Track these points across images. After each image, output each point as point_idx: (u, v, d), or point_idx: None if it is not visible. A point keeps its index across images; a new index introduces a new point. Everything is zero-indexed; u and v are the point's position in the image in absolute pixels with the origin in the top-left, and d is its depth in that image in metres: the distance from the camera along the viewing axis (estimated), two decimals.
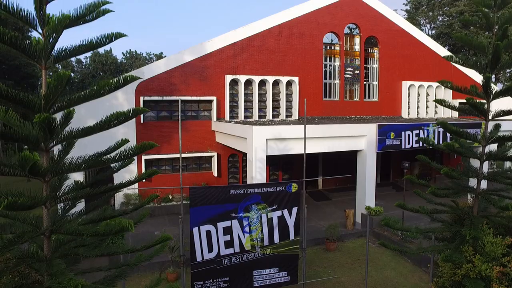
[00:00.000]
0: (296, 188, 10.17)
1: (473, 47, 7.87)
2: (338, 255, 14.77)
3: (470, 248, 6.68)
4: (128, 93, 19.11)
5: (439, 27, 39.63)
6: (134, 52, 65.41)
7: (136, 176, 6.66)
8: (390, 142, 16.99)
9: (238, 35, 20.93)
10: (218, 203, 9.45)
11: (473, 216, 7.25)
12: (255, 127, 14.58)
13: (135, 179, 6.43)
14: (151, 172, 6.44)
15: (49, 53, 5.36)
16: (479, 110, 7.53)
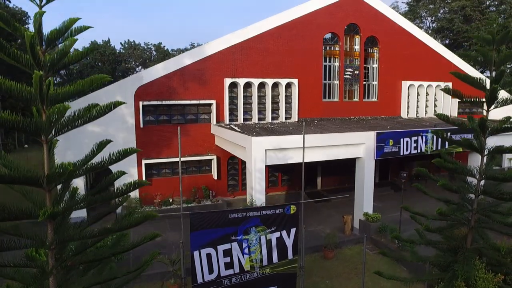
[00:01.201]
0: (295, 210, 10.34)
1: (472, 84, 7.91)
2: (335, 263, 15.06)
3: (462, 283, 6.89)
4: (128, 98, 19.08)
5: (441, 20, 39.25)
6: (132, 42, 64.77)
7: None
8: (388, 149, 17.10)
9: (237, 38, 20.79)
10: (218, 226, 9.62)
11: (466, 249, 7.44)
12: (254, 138, 14.66)
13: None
14: (152, 235, 6.57)
15: (49, 130, 5.47)
16: (475, 149, 7.61)
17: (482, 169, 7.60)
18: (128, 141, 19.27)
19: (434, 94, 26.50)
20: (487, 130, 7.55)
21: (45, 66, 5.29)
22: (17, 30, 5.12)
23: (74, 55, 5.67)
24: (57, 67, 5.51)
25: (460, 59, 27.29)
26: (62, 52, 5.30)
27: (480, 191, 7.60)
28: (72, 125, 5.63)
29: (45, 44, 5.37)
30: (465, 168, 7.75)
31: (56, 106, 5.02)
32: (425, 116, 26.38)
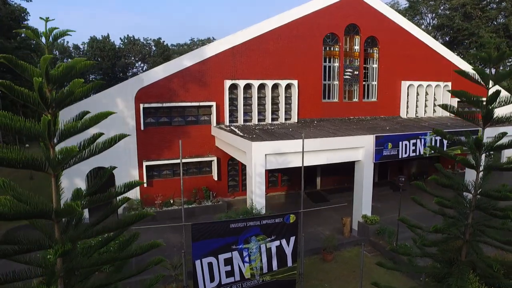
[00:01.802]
0: (294, 219, 10.54)
1: (470, 103, 8.03)
2: (334, 266, 15.30)
3: None
4: (128, 100, 19.22)
5: (441, 17, 39.14)
6: (132, 37, 64.57)
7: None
8: (387, 152, 17.26)
9: (237, 39, 20.84)
10: (219, 236, 9.82)
11: (461, 262, 7.64)
12: (254, 144, 14.81)
13: None
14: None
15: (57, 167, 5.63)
16: (470, 166, 7.77)
17: (477, 185, 7.77)
18: (129, 143, 19.44)
19: (433, 93, 26.60)
20: (482, 147, 7.70)
21: (52, 104, 5.44)
22: (25, 71, 5.26)
23: (80, 91, 5.83)
24: (63, 104, 5.67)
25: (460, 58, 27.32)
26: (69, 91, 5.43)
27: (474, 206, 7.78)
28: (79, 159, 5.84)
29: (52, 83, 5.53)
30: (461, 184, 7.92)
31: (64, 148, 5.16)
32: (424, 115, 26.50)
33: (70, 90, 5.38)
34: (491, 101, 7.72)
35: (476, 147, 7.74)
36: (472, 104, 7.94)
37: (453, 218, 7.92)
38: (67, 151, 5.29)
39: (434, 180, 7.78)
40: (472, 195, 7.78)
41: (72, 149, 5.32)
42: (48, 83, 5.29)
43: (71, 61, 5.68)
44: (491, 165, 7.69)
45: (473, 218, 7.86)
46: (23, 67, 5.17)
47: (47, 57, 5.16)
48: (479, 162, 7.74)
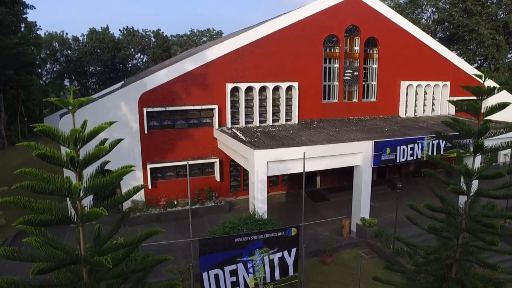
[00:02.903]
0: (295, 232, 11.10)
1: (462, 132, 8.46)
2: (333, 268, 15.94)
3: None
4: (132, 104, 19.59)
5: (441, 11, 39.11)
6: (131, 28, 64.29)
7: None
8: (385, 157, 17.73)
9: (238, 42, 21.09)
10: (224, 250, 10.39)
11: (451, 279, 8.19)
12: (256, 152, 15.26)
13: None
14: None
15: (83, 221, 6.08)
16: (461, 193, 8.24)
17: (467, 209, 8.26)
18: (133, 146, 19.89)
19: (432, 93, 26.94)
20: (472, 175, 8.17)
21: (79, 166, 5.89)
22: (56, 138, 5.73)
23: (103, 154, 6.31)
24: (89, 164, 6.15)
25: (459, 58, 27.56)
26: (94, 155, 5.83)
27: (464, 229, 8.30)
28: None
29: (80, 145, 6.00)
30: (453, 208, 8.40)
31: (93, 210, 5.56)
32: (422, 114, 26.90)
33: (95, 154, 5.79)
34: (481, 134, 8.14)
35: (467, 175, 8.21)
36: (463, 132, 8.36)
37: (445, 238, 8.45)
38: (94, 213, 5.71)
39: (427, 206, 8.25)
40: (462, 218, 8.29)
41: (101, 212, 5.71)
42: (75, 147, 5.71)
43: (95, 127, 6.09)
44: (480, 192, 8.16)
45: (464, 238, 8.40)
46: (55, 134, 5.61)
47: (75, 130, 5.58)
48: (469, 188, 8.22)
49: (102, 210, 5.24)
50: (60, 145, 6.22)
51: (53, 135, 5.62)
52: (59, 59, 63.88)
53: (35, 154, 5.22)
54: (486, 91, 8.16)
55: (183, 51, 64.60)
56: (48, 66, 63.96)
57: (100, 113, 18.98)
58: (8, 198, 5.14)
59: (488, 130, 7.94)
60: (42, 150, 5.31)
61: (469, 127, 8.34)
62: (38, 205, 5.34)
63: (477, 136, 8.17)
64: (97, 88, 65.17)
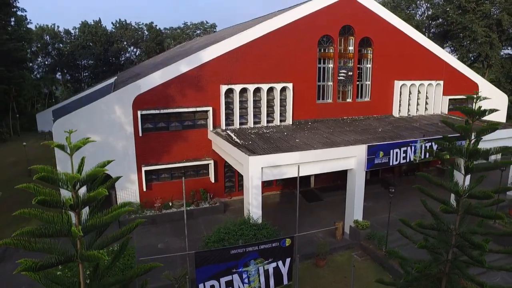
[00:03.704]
0: (290, 242, 11.28)
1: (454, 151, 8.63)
2: (327, 271, 16.21)
3: None
4: (126, 107, 19.52)
5: (436, 7, 39.15)
6: (124, 21, 63.51)
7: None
8: (378, 160, 17.93)
9: (233, 44, 21.02)
10: (220, 262, 10.54)
11: None
12: (251, 158, 15.35)
13: None
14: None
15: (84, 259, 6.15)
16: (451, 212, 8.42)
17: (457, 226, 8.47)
18: (127, 149, 19.88)
19: (425, 92, 27.12)
20: (462, 195, 8.35)
21: (78, 207, 5.94)
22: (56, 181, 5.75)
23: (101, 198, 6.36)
24: (88, 205, 6.21)
25: (452, 56, 27.70)
26: (93, 198, 5.88)
27: (454, 245, 8.51)
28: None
29: (79, 187, 6.06)
30: (443, 225, 8.60)
31: (94, 253, 5.62)
32: (416, 113, 27.11)
33: (94, 197, 5.83)
34: (471, 156, 8.30)
35: (456, 195, 8.39)
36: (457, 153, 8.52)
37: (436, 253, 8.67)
38: (94, 256, 5.76)
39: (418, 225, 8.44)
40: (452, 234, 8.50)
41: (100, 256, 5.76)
42: (74, 189, 5.75)
43: (93, 170, 6.12)
44: (469, 210, 8.35)
45: (453, 253, 8.62)
46: (55, 179, 5.65)
47: (74, 176, 5.62)
48: (459, 207, 8.41)
49: (102, 254, 5.32)
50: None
51: (53, 180, 5.66)
52: (50, 53, 63.06)
53: (35, 202, 5.26)
54: (477, 112, 8.29)
55: (176, 44, 64.06)
56: (40, 60, 63.14)
57: (94, 116, 18.93)
58: (7, 240, 5.18)
59: (478, 153, 8.09)
60: (42, 197, 5.35)
61: (459, 149, 8.49)
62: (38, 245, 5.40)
63: (467, 157, 8.34)
64: (90, 82, 64.57)
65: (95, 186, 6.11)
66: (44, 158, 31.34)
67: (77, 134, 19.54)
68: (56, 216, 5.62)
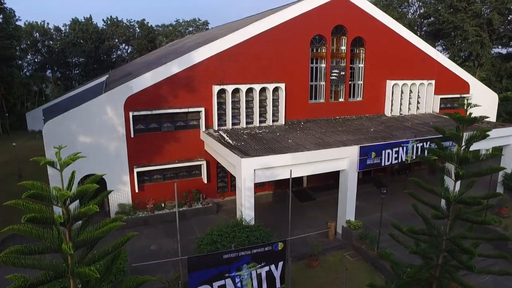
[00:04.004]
0: (282, 246, 11.30)
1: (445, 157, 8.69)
2: (319, 272, 16.29)
3: None
4: (117, 108, 19.35)
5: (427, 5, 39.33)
6: (115, 18, 62.86)
7: None
8: (370, 161, 18.02)
9: (225, 44, 20.91)
10: (213, 267, 10.53)
11: None
12: (243, 160, 15.32)
13: None
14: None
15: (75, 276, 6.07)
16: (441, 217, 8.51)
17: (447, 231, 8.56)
18: (119, 150, 19.73)
19: (417, 91, 27.29)
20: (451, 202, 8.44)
21: (69, 223, 5.87)
22: (45, 198, 5.66)
23: (91, 214, 6.29)
24: (78, 220, 6.13)
25: (444, 56, 27.88)
26: (83, 214, 5.80)
27: (444, 250, 8.61)
28: None
29: (69, 203, 5.98)
30: (434, 231, 8.69)
31: (85, 270, 5.56)
32: (407, 113, 27.28)
33: (85, 213, 5.75)
34: (461, 163, 8.38)
35: (447, 201, 8.48)
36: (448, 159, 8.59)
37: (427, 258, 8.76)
38: (85, 273, 5.69)
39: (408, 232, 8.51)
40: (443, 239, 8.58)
41: (92, 274, 5.69)
42: (64, 205, 5.67)
43: (84, 186, 6.03)
44: (460, 215, 8.44)
45: (444, 258, 8.71)
46: (45, 195, 5.57)
47: (64, 193, 5.54)
48: (449, 212, 8.50)
49: (94, 272, 5.27)
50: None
51: (43, 197, 5.57)
52: (40, 50, 62.23)
53: (24, 221, 5.17)
54: (468, 120, 8.35)
55: (168, 42, 63.60)
56: (29, 57, 62.30)
57: (85, 117, 18.74)
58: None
59: (468, 160, 8.17)
60: (32, 214, 5.27)
61: (450, 154, 8.56)
62: (28, 262, 5.33)
63: (458, 163, 8.41)
64: (81, 80, 63.89)
65: (86, 201, 6.02)
66: None
67: (68, 136, 19.35)
68: (46, 232, 5.54)
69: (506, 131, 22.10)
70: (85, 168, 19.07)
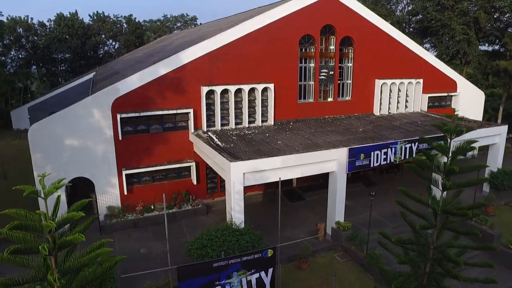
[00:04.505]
0: (272, 253, 11.32)
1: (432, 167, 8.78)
2: (309, 274, 16.40)
3: None
4: (104, 110, 19.07)
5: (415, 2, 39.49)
6: (101, 14, 61.78)
7: None
8: (359, 163, 18.13)
9: (213, 44, 20.72)
10: (203, 275, 10.51)
11: None
12: (233, 164, 15.27)
13: None
14: None
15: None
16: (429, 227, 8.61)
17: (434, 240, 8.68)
18: (107, 153, 19.49)
19: (405, 90, 27.49)
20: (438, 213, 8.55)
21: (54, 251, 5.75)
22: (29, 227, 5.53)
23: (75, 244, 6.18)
24: (63, 249, 6.01)
25: (431, 55, 28.10)
26: (69, 243, 5.68)
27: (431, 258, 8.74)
28: None
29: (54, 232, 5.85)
30: (422, 240, 8.81)
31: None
32: (396, 112, 27.48)
33: (71, 242, 5.63)
34: (448, 174, 8.46)
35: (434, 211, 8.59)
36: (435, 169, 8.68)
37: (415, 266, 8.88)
38: None
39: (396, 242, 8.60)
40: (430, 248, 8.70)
41: None
42: (49, 234, 5.54)
43: (68, 215, 5.90)
44: (446, 225, 8.55)
45: (431, 266, 8.84)
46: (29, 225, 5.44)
47: (49, 224, 5.41)
48: (437, 222, 8.60)
49: None
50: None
51: (27, 227, 5.44)
52: (24, 46, 60.83)
53: (7, 254, 5.05)
54: (455, 131, 8.43)
55: (156, 38, 62.84)
56: (13, 53, 60.88)
57: (71, 120, 18.43)
58: None
59: (454, 171, 8.26)
60: (15, 246, 5.14)
61: (438, 164, 8.64)
62: None
63: (445, 174, 8.50)
64: (67, 76, 62.81)
65: (72, 229, 5.90)
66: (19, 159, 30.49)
67: (54, 139, 18.99)
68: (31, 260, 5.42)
69: (492, 130, 22.46)
70: (73, 171, 18.88)
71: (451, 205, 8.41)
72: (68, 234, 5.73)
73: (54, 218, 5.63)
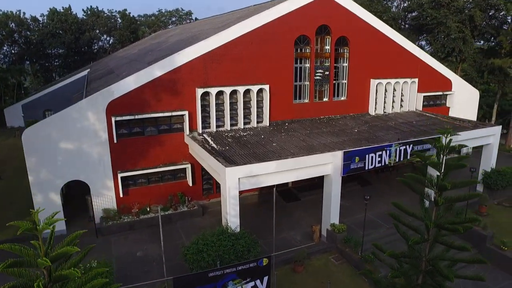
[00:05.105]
0: (267, 261, 11.41)
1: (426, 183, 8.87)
2: (304, 277, 16.55)
3: None
4: (99, 112, 18.98)
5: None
6: (95, 8, 61.11)
7: None
8: (354, 165, 18.21)
9: (208, 46, 20.61)
10: (199, 285, 10.59)
11: None
12: (228, 169, 15.28)
13: None
14: None
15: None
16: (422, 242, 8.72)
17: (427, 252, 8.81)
18: (102, 155, 19.44)
19: (401, 90, 27.54)
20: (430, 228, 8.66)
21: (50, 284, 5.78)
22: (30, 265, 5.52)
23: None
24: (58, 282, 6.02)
25: (427, 54, 28.12)
26: (64, 276, 5.69)
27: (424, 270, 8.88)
28: None
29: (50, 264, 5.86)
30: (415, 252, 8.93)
31: None
32: (391, 111, 27.55)
33: (66, 276, 5.64)
34: (441, 189, 8.55)
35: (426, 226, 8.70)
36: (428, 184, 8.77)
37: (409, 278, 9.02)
38: None
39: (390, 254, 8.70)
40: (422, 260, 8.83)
41: None
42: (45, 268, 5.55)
43: (63, 250, 5.89)
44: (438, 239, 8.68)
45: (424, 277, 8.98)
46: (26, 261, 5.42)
47: (44, 262, 5.40)
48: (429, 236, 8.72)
49: None
50: None
51: (23, 263, 5.44)
52: (17, 41, 60.16)
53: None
54: (447, 147, 8.50)
55: (151, 33, 62.37)
56: (6, 49, 60.21)
57: (66, 123, 18.34)
58: None
59: (446, 188, 8.34)
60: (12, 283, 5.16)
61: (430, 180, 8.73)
62: None
63: (438, 189, 8.58)
64: (61, 72, 62.29)
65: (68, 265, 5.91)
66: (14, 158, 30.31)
67: (48, 143, 18.90)
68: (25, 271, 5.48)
69: (486, 131, 22.60)
70: (68, 174, 18.85)
71: (444, 220, 8.52)
72: (63, 266, 5.75)
73: (49, 252, 5.63)
